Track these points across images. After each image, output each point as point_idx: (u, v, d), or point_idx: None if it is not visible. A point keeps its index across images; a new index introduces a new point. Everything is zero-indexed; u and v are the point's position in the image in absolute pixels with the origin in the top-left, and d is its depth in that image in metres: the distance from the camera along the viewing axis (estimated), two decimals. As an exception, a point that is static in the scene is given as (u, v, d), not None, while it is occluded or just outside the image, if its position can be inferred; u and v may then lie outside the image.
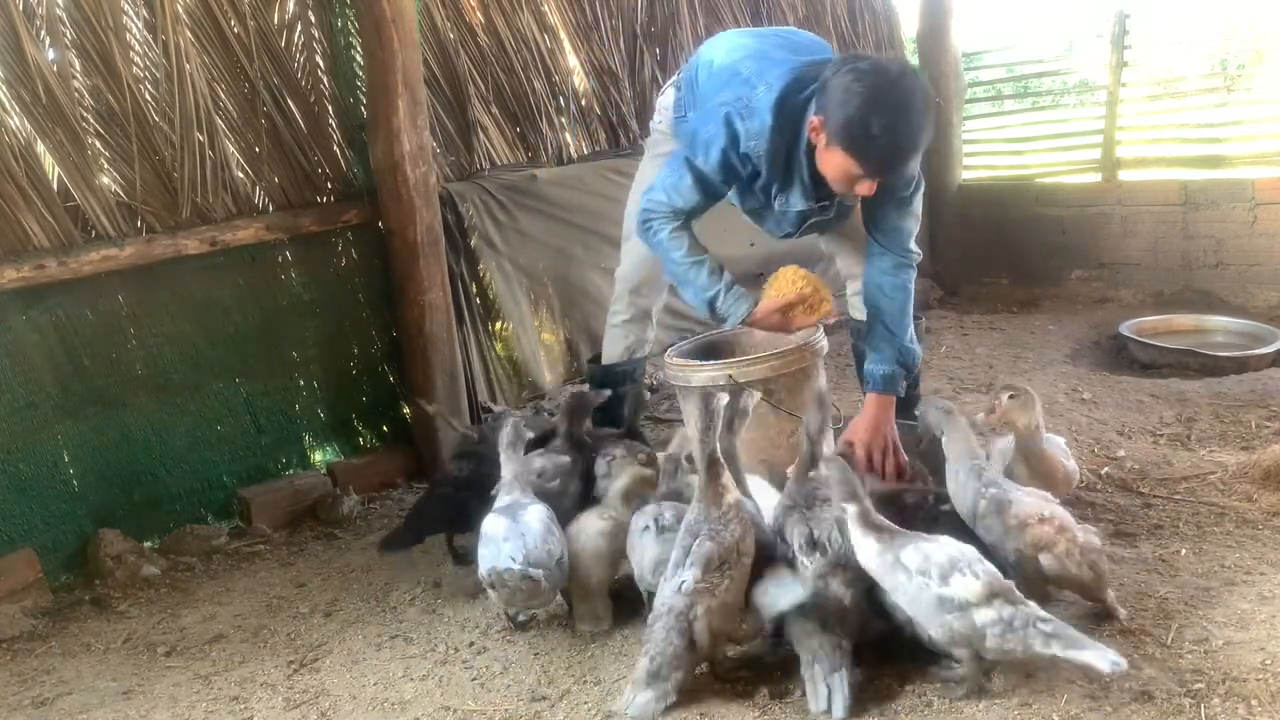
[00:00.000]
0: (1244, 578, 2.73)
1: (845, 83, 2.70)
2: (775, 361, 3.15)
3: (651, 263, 3.54)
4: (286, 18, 4.08)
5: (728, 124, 2.92)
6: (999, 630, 2.19)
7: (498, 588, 2.71)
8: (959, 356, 5.21)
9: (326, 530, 3.90)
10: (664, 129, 3.52)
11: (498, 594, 2.75)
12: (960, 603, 2.22)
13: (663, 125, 3.52)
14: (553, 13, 4.95)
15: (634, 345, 3.76)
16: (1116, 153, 6.01)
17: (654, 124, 3.62)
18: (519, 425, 3.00)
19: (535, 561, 2.66)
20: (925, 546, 2.30)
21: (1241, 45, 6.95)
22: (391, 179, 4.07)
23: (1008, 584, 2.26)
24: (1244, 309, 5.47)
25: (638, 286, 3.68)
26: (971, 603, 2.21)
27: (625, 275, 3.70)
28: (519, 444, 2.97)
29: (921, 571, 2.26)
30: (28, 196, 3.44)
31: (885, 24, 6.50)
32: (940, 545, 2.31)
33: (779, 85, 2.86)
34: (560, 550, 2.75)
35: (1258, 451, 3.46)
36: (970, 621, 2.21)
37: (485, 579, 2.73)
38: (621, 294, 3.73)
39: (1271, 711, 2.15)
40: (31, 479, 3.53)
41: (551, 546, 2.72)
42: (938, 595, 2.23)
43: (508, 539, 2.71)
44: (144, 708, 2.73)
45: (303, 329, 4.17)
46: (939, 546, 2.31)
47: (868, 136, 2.69)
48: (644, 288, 3.68)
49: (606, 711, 2.43)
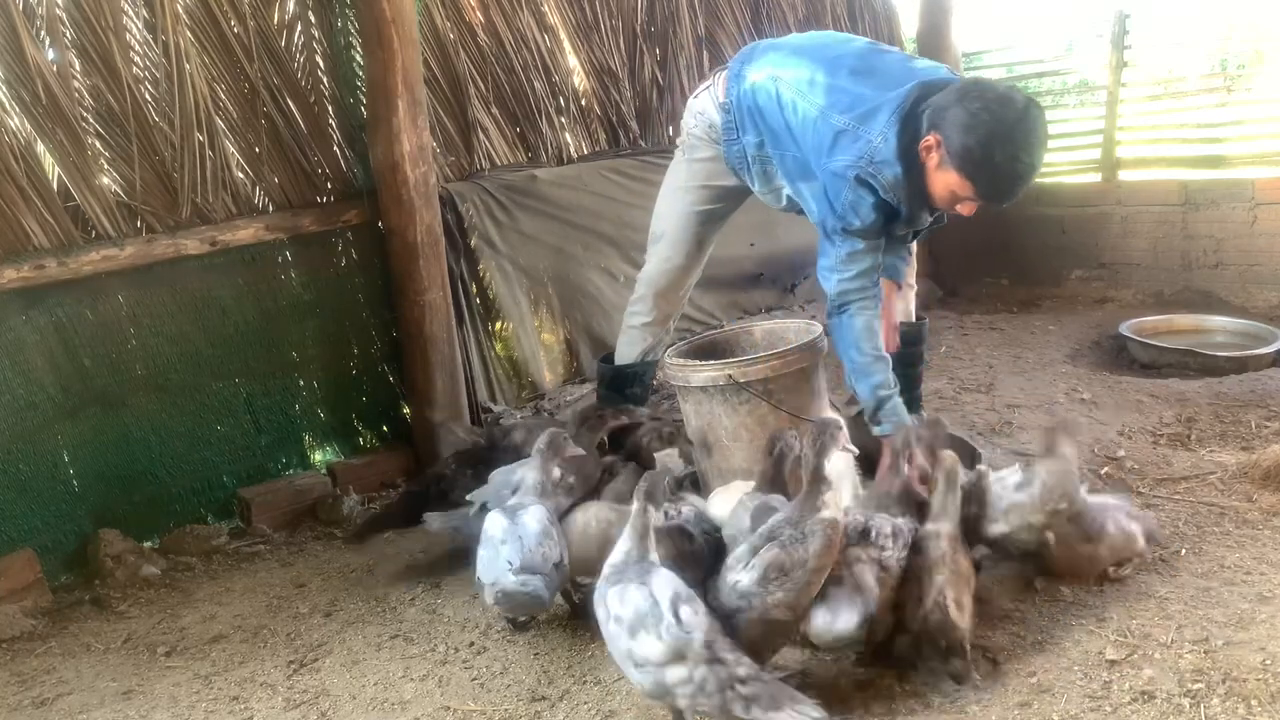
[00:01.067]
0: (1244, 578, 2.74)
1: (973, 109, 2.75)
2: (775, 362, 3.15)
3: (680, 270, 3.59)
4: (286, 18, 4.08)
5: (864, 184, 2.96)
6: (689, 691, 2.09)
7: (501, 604, 2.71)
8: (959, 356, 5.21)
9: (326, 530, 3.91)
10: (700, 135, 3.51)
11: (500, 608, 2.76)
12: (642, 659, 2.13)
13: (698, 130, 3.51)
14: (553, 13, 4.95)
15: (649, 348, 3.77)
16: (1116, 153, 6.02)
17: (689, 127, 3.58)
18: (558, 438, 2.95)
19: (528, 566, 2.64)
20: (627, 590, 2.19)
21: (1241, 45, 6.95)
22: (391, 179, 4.07)
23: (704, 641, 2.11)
24: (1244, 309, 5.47)
25: (665, 291, 3.68)
26: (654, 661, 2.12)
27: (652, 279, 3.70)
28: (553, 456, 2.93)
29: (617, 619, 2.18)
30: (28, 196, 3.44)
31: (885, 24, 6.50)
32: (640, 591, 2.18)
33: (893, 132, 2.89)
34: (558, 553, 2.73)
35: (1258, 451, 3.46)
36: (658, 680, 2.12)
37: (490, 596, 2.71)
38: (645, 296, 3.72)
39: (1271, 711, 2.15)
40: (31, 479, 3.53)
41: (548, 550, 2.69)
42: (626, 649, 2.16)
43: (505, 541, 2.70)
44: (144, 708, 2.73)
45: (303, 329, 4.17)
46: (635, 592, 2.18)
47: (990, 164, 2.77)
48: (671, 293, 3.69)
49: (606, 711, 2.43)
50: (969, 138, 2.75)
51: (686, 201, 3.59)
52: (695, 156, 3.54)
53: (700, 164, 3.52)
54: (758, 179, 3.43)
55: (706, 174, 3.53)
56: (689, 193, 3.59)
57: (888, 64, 3.14)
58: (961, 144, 2.76)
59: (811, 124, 3.07)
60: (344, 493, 4.04)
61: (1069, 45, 6.72)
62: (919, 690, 2.36)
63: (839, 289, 3.11)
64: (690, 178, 3.57)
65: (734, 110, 3.34)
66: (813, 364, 3.25)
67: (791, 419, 3.11)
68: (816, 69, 3.12)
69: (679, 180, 3.60)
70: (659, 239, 3.66)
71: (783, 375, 3.15)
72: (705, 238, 3.67)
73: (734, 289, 5.62)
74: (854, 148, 2.95)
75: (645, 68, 5.29)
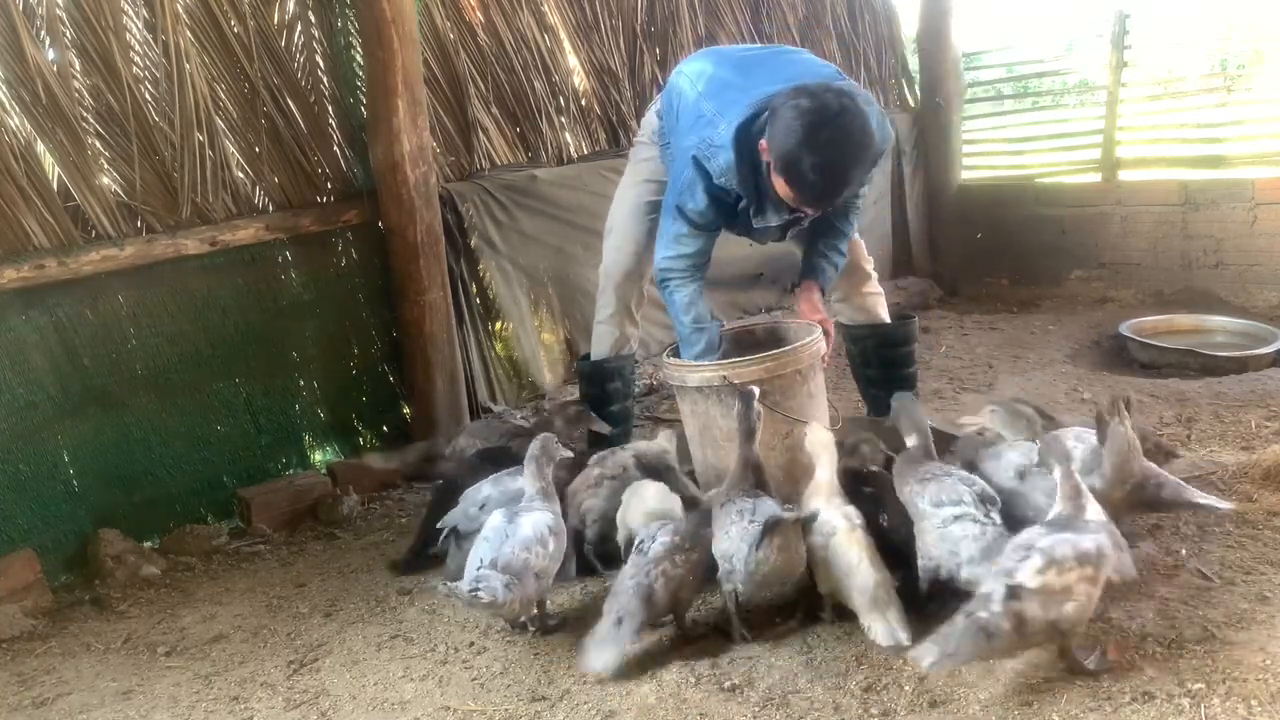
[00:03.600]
0: (1244, 578, 2.73)
1: (787, 119, 2.85)
2: (770, 363, 3.15)
3: (632, 257, 3.69)
4: (286, 18, 4.08)
5: (697, 165, 3.12)
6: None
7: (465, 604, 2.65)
8: (959, 356, 5.21)
9: (326, 530, 3.90)
10: (644, 139, 3.70)
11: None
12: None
13: (643, 136, 3.71)
14: (553, 13, 4.95)
15: (619, 341, 3.81)
16: (1116, 153, 6.02)
17: (637, 137, 3.80)
18: (550, 444, 2.95)
19: (506, 567, 2.61)
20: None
21: (1241, 45, 6.95)
22: (391, 179, 4.07)
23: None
24: (1244, 309, 5.47)
25: (622, 281, 3.74)
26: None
27: (608, 270, 3.76)
28: (548, 463, 2.92)
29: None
30: (28, 196, 3.45)
31: (885, 24, 6.50)
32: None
33: (736, 121, 3.02)
34: (545, 563, 2.70)
35: (1258, 451, 3.46)
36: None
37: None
38: (605, 288, 3.78)
39: (1271, 711, 2.15)
40: (31, 479, 3.53)
41: (532, 556, 2.65)
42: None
43: (488, 538, 2.69)
44: (144, 708, 2.73)
45: (303, 329, 4.17)
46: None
47: (800, 173, 2.87)
48: (628, 283, 3.75)
49: (607, 711, 2.43)
50: (783, 147, 2.86)
51: (632, 195, 3.71)
52: (639, 157, 3.72)
53: (643, 163, 3.68)
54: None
55: (648, 171, 3.66)
56: (633, 188, 3.71)
57: (778, 64, 3.28)
58: (778, 153, 2.88)
59: (689, 108, 3.24)
60: (344, 493, 4.04)
61: (1069, 45, 6.72)
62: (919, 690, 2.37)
63: (663, 265, 3.32)
64: (634, 175, 3.72)
65: (663, 114, 3.50)
66: (809, 366, 3.25)
67: (786, 421, 3.11)
68: (712, 63, 3.32)
69: (627, 180, 3.78)
70: (611, 232, 3.77)
71: (778, 377, 3.15)
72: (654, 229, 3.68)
73: (734, 289, 5.62)
74: (703, 131, 3.11)
75: (645, 68, 5.29)
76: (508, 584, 2.58)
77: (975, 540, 2.52)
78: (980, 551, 2.49)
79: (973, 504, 2.59)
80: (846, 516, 2.66)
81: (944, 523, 2.58)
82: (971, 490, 2.63)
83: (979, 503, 2.61)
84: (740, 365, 3.17)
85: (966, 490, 2.63)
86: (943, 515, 2.59)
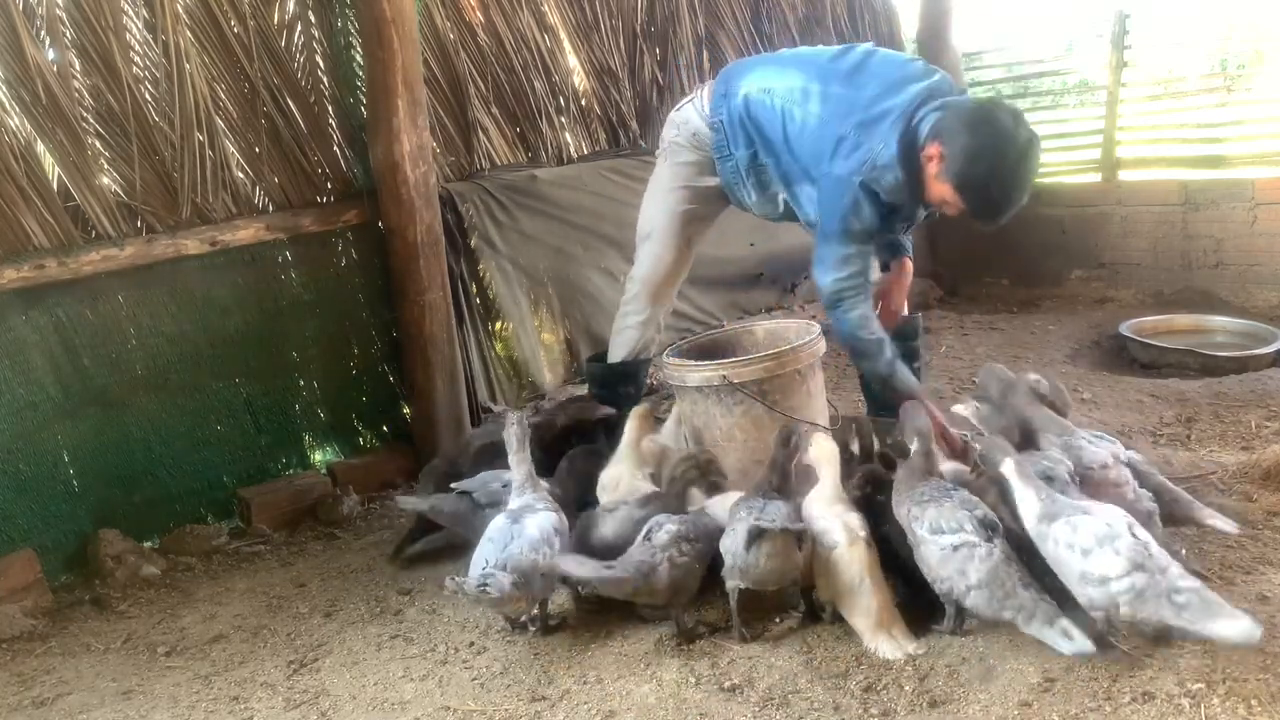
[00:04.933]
0: (1244, 578, 2.73)
1: (980, 140, 2.93)
2: (769, 363, 3.15)
3: (671, 265, 3.67)
4: (286, 18, 4.08)
5: (866, 189, 3.15)
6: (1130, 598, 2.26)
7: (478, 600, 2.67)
8: (959, 356, 5.21)
9: (326, 530, 3.90)
10: (683, 142, 3.60)
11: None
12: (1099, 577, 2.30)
13: (681, 139, 3.61)
14: (553, 13, 4.95)
15: (642, 347, 3.81)
16: (1116, 153, 6.02)
17: (670, 137, 3.67)
18: (522, 421, 2.99)
19: (515, 568, 2.62)
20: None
21: (1241, 45, 6.94)
22: (391, 179, 4.07)
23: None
24: (1244, 309, 5.47)
25: (658, 288, 3.73)
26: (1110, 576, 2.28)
27: (645, 278, 3.73)
28: (525, 440, 2.96)
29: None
30: (28, 196, 3.44)
31: (885, 24, 6.50)
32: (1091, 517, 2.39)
33: (894, 139, 3.07)
34: (550, 563, 2.70)
35: (1258, 451, 3.46)
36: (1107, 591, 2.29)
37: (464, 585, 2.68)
38: (639, 295, 3.76)
39: (1271, 711, 2.14)
40: (31, 479, 3.53)
41: (540, 558, 2.67)
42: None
43: (492, 539, 2.71)
44: (144, 708, 2.73)
45: (303, 329, 4.17)
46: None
47: (985, 192, 3.01)
48: (664, 290, 3.75)
49: (606, 711, 2.43)
50: (972, 166, 2.95)
51: (672, 201, 3.66)
52: (678, 160, 3.64)
53: (683, 166, 3.62)
54: (754, 190, 3.52)
55: (689, 175, 3.62)
56: (673, 193, 3.66)
57: (874, 67, 3.28)
58: (963, 168, 2.96)
59: (811, 132, 3.23)
60: (344, 493, 4.04)
61: (1069, 45, 6.72)
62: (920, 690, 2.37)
63: (835, 288, 3.27)
64: (674, 179, 3.65)
65: (725, 126, 3.44)
66: (808, 365, 3.25)
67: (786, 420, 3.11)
68: (809, 79, 3.28)
69: (663, 182, 3.69)
70: (648, 237, 3.72)
71: (777, 376, 3.15)
72: (693, 237, 3.74)
73: (734, 289, 5.62)
74: (856, 154, 3.12)
75: (645, 68, 5.29)
76: (515, 582, 2.61)
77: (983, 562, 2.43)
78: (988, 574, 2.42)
79: (973, 531, 2.47)
80: (848, 528, 2.62)
81: (943, 550, 2.48)
82: (972, 515, 2.50)
83: (980, 527, 2.47)
84: (740, 365, 3.17)
85: (967, 516, 2.49)
86: (941, 544, 2.49)
